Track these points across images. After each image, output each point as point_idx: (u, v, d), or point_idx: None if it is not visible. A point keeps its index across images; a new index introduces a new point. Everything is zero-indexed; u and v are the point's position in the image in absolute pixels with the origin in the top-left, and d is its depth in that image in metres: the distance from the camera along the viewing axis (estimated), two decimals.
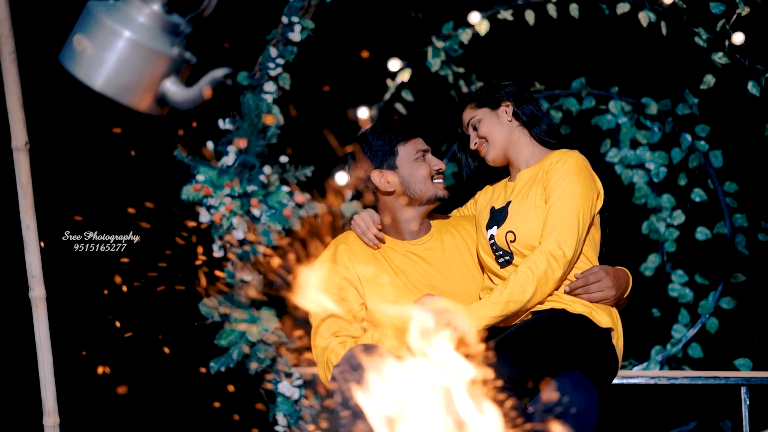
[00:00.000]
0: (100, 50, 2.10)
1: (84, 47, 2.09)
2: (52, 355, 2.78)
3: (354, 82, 5.59)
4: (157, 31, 2.13)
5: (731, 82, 5.19)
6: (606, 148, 5.69)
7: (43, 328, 2.75)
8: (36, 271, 2.72)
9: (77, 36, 2.12)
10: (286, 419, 4.91)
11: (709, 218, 5.55)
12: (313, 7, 5.08)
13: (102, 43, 2.10)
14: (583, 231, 3.34)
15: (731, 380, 4.74)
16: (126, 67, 2.10)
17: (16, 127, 2.60)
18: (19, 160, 2.64)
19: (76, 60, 2.13)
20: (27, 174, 2.65)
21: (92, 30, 2.11)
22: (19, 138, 2.62)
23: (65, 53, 2.15)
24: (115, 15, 2.12)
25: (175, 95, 2.12)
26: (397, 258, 3.56)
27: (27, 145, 2.63)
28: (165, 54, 2.12)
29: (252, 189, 4.89)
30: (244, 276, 4.92)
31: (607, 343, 3.32)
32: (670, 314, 5.54)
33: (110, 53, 2.10)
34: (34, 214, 2.68)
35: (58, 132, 4.51)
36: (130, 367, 4.90)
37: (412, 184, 3.54)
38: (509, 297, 3.23)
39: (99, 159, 4.95)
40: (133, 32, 2.11)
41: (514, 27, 5.40)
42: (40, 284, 2.73)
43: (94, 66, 2.11)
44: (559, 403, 3.09)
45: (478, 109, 3.61)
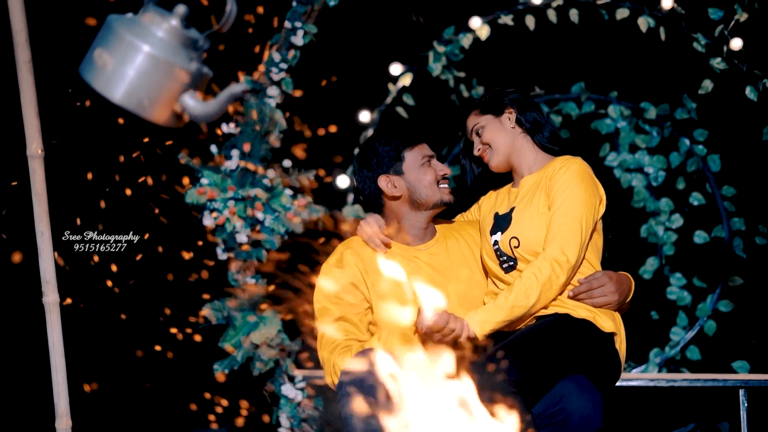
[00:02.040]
0: (120, 64, 2.14)
1: (105, 61, 2.13)
2: (65, 359, 2.82)
3: (356, 85, 5.63)
4: (176, 46, 2.17)
5: (729, 87, 5.24)
6: (605, 152, 5.74)
7: (56, 332, 2.79)
8: (50, 277, 2.76)
9: (98, 50, 2.15)
10: (289, 421, 4.95)
11: (707, 222, 5.60)
12: (316, 12, 5.12)
13: (122, 57, 2.14)
14: (586, 237, 3.38)
15: (729, 383, 4.79)
16: (145, 81, 2.14)
17: (31, 135, 2.64)
18: (34, 167, 2.67)
19: (96, 73, 2.16)
20: (42, 181, 2.69)
21: (112, 44, 2.15)
22: (34, 146, 2.66)
23: (85, 66, 2.19)
24: (135, 30, 2.16)
25: (193, 109, 2.16)
26: (402, 262, 3.59)
27: (42, 153, 2.67)
28: (184, 68, 2.16)
29: (255, 192, 4.93)
30: (247, 278, 4.96)
31: (611, 348, 3.37)
32: (669, 317, 5.59)
33: (130, 67, 2.14)
34: (49, 221, 2.72)
35: (71, 139, 4.54)
36: (136, 370, 4.94)
37: (419, 189, 3.58)
38: (514, 302, 3.27)
39: (108, 164, 4.99)
40: (153, 47, 2.15)
41: (514, 32, 5.45)
42: (53, 290, 2.77)
43: (113, 79, 2.15)
44: (564, 406, 3.15)
45: (482, 116, 3.65)
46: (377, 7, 5.49)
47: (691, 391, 5.21)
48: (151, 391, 5.00)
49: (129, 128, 4.05)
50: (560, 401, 3.16)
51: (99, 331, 5.00)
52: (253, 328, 4.87)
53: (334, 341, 3.47)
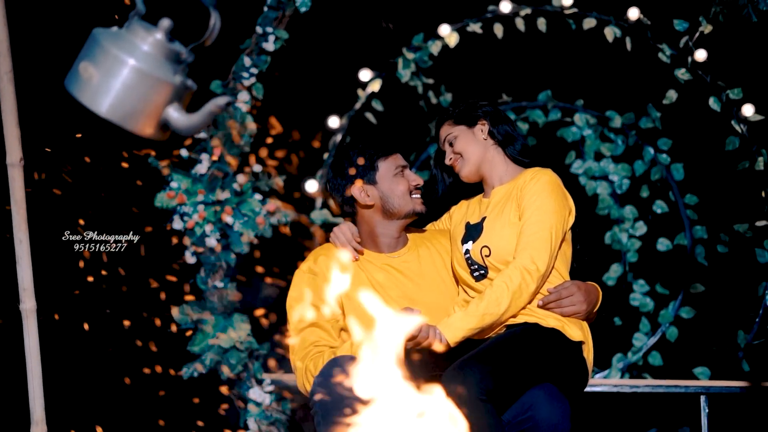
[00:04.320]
0: (106, 77, 2.15)
1: (90, 75, 2.15)
2: (41, 365, 2.83)
3: (325, 91, 5.66)
4: (160, 59, 2.19)
5: (693, 98, 5.31)
6: (571, 160, 5.79)
7: (33, 339, 2.80)
8: (27, 284, 2.77)
9: (83, 63, 2.17)
10: (257, 424, 4.97)
11: (670, 230, 5.67)
12: (287, 18, 5.14)
13: (107, 70, 2.16)
14: (555, 246, 3.44)
15: (692, 389, 4.86)
16: (130, 94, 2.16)
17: (11, 144, 2.65)
18: (14, 176, 2.68)
19: (81, 86, 2.18)
20: (21, 189, 2.69)
21: (98, 57, 2.17)
22: (14, 154, 2.67)
23: (71, 79, 2.21)
24: (120, 43, 2.18)
25: (177, 122, 2.19)
26: (374, 270, 3.64)
27: (22, 161, 2.68)
28: (168, 82, 2.19)
29: (225, 197, 4.95)
30: (216, 282, 4.98)
31: (579, 356, 3.43)
32: (631, 323, 5.66)
33: (115, 80, 2.16)
34: (27, 228, 2.73)
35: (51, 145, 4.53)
36: (109, 374, 4.94)
37: (392, 199, 3.63)
38: (485, 310, 3.33)
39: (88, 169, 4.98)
40: (138, 60, 2.17)
41: (483, 40, 5.49)
42: (31, 297, 2.78)
43: (99, 93, 2.16)
44: (533, 414, 3.20)
45: (455, 126, 3.70)
46: (348, 14, 5.52)
47: (652, 396, 5.28)
48: (121, 395, 4.99)
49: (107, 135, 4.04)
50: (529, 409, 3.22)
51: (72, 337, 4.99)
52: (222, 332, 4.89)
53: (306, 347, 3.51)
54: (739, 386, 4.86)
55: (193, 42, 2.24)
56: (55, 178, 4.64)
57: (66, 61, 2.33)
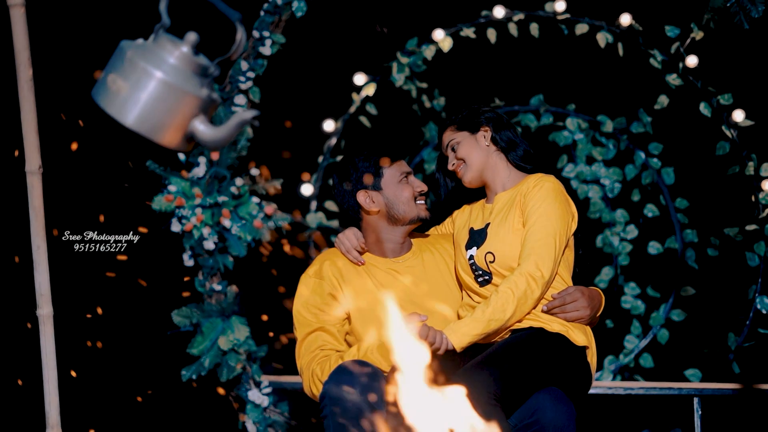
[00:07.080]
0: (133, 89, 2.19)
1: (119, 87, 2.18)
2: (57, 370, 2.86)
3: (320, 95, 5.69)
4: (187, 72, 2.23)
5: (684, 103, 5.35)
6: (563, 164, 5.83)
7: (49, 344, 2.83)
8: (44, 290, 2.80)
9: (111, 75, 2.20)
10: (255, 426, 5.00)
11: (660, 233, 5.72)
12: (283, 22, 5.17)
13: (135, 82, 2.19)
14: (559, 252, 3.49)
15: (685, 391, 4.92)
16: (157, 106, 2.19)
17: (30, 152, 2.68)
18: (33, 183, 2.71)
19: (109, 98, 2.21)
20: (39, 197, 2.72)
21: (125, 70, 2.20)
22: (33, 162, 2.70)
23: (98, 90, 2.24)
24: (147, 56, 2.21)
25: (203, 134, 2.23)
26: (379, 275, 3.68)
27: (40, 169, 2.71)
28: (195, 95, 2.22)
29: (223, 200, 4.97)
30: (214, 285, 5.00)
31: (583, 361, 3.49)
32: (623, 325, 5.70)
33: (143, 93, 2.19)
34: (45, 235, 2.76)
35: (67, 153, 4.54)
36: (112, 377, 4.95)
37: (396, 205, 3.68)
38: (491, 316, 3.37)
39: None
40: (165, 73, 2.20)
41: (476, 44, 5.52)
42: (48, 303, 2.81)
43: (126, 104, 2.20)
44: (539, 418, 3.25)
45: (458, 132, 3.75)
46: (343, 18, 5.55)
47: (644, 398, 5.33)
48: (124, 399, 5.01)
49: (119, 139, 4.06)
50: (535, 413, 3.26)
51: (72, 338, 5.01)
52: (221, 334, 4.91)
53: (313, 351, 3.55)
54: (732, 388, 4.92)
55: (218, 56, 2.28)
56: (55, 178, 4.66)
57: (85, 70, 2.36)
